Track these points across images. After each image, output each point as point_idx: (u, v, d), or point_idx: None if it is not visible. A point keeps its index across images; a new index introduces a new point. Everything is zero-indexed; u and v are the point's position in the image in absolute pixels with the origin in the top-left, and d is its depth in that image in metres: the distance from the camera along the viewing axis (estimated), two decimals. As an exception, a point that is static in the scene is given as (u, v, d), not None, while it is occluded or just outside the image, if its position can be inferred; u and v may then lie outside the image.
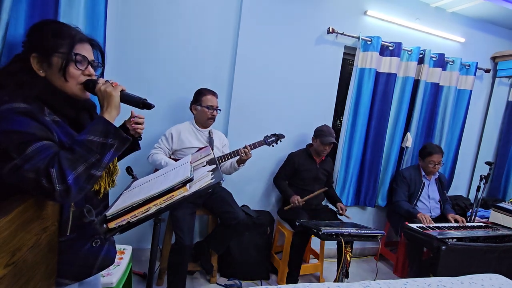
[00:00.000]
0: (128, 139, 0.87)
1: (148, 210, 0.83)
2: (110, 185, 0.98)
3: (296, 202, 2.25)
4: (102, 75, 0.97)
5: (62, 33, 0.84)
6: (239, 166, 2.11)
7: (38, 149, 0.72)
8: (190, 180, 0.85)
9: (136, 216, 0.82)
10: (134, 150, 1.13)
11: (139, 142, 1.13)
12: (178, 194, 0.84)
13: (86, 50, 0.88)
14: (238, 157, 2.07)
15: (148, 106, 0.93)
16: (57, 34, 0.83)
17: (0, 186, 0.77)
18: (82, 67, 0.87)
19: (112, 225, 0.81)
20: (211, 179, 0.87)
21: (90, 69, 0.90)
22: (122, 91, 0.91)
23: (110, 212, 0.82)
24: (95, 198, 0.96)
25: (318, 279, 2.51)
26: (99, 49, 0.94)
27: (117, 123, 0.90)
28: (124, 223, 0.81)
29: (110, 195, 1.06)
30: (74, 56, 0.84)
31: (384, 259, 2.97)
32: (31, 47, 0.83)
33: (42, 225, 0.81)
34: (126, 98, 0.92)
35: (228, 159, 2.09)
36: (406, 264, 2.60)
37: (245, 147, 2.04)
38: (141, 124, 1.06)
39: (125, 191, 1.06)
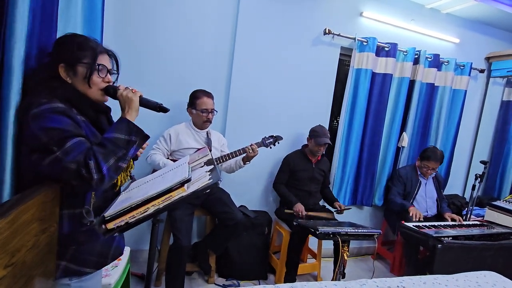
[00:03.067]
0: (147, 136, 1.01)
1: (146, 211, 0.84)
2: (125, 180, 1.09)
3: (300, 214, 2.24)
4: (116, 79, 1.09)
5: (85, 45, 0.95)
6: (244, 163, 2.13)
7: (75, 144, 0.84)
8: (188, 180, 0.86)
9: (135, 217, 0.83)
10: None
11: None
12: (176, 195, 0.85)
13: (105, 60, 1.00)
14: (243, 155, 2.08)
15: (164, 110, 1.06)
16: (81, 47, 0.94)
17: (32, 178, 0.87)
18: (102, 75, 0.99)
19: (110, 225, 0.82)
20: (209, 180, 0.88)
21: (109, 77, 1.02)
22: (140, 96, 1.03)
23: (108, 213, 0.82)
24: (111, 191, 1.05)
25: (316, 278, 2.52)
26: (114, 58, 1.06)
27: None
28: (122, 223, 0.82)
29: None
30: (97, 66, 0.96)
31: (381, 258, 2.99)
32: (58, 58, 0.94)
33: (41, 226, 0.81)
34: (144, 102, 1.04)
35: (234, 157, 2.10)
36: (403, 263, 2.62)
37: (251, 145, 2.06)
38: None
39: (123, 192, 1.07)
